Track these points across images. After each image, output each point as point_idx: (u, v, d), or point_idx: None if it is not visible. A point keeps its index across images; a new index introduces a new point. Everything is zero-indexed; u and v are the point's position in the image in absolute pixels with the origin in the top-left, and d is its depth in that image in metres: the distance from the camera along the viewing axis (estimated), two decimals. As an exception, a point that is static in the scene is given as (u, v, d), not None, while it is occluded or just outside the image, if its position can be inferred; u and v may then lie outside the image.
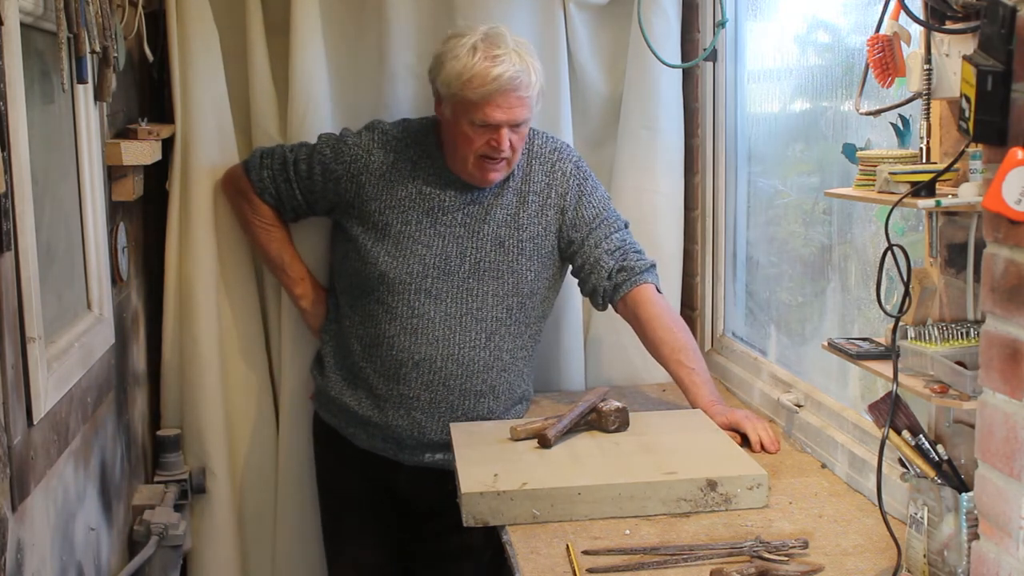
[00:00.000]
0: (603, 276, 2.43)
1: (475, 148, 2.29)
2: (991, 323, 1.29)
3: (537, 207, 2.42)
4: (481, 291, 2.37)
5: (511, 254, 2.39)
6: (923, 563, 1.59)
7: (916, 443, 1.58)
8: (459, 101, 2.27)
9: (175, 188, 2.68)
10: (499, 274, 2.38)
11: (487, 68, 2.22)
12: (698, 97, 2.85)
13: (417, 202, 2.39)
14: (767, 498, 1.96)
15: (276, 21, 2.71)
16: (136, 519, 2.41)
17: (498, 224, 2.39)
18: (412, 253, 2.36)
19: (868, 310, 2.18)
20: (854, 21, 2.24)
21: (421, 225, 2.38)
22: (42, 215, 1.78)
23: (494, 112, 2.24)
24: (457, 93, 2.26)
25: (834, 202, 2.30)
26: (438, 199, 2.38)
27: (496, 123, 2.26)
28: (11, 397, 1.57)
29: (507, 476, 1.96)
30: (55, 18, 1.74)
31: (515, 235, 2.40)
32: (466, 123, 2.27)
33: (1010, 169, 1.21)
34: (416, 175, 2.40)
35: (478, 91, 2.23)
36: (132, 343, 2.54)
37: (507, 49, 2.26)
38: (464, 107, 2.26)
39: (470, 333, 2.36)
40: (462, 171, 2.36)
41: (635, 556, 1.76)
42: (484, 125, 2.26)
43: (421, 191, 2.39)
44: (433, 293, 2.35)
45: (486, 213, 2.39)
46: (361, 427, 2.44)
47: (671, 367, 2.39)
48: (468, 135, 2.28)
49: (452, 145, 2.35)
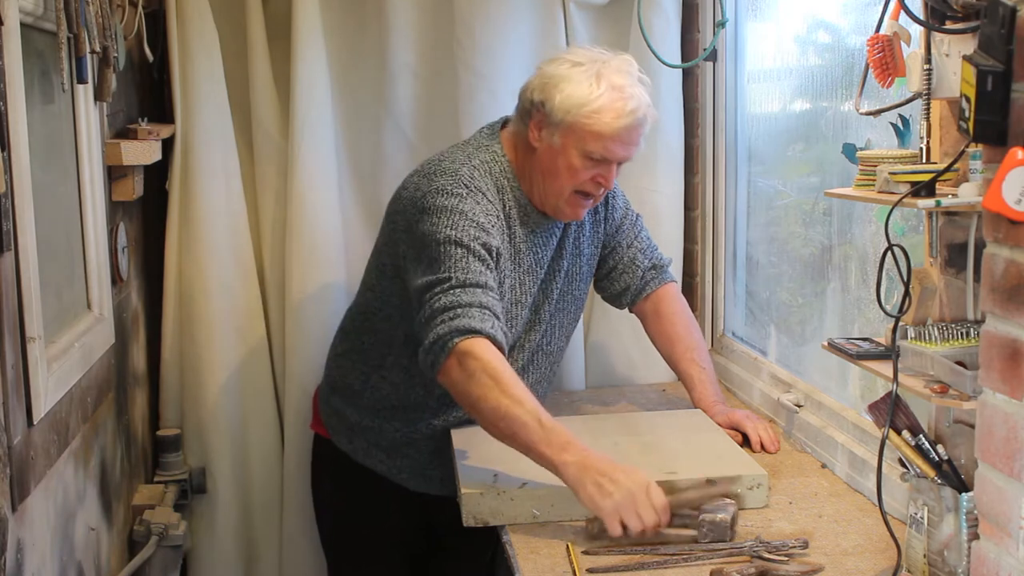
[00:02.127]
0: (637, 275, 2.39)
1: (579, 182, 2.10)
2: (991, 323, 1.29)
3: (591, 227, 2.34)
4: (553, 325, 2.29)
5: (575, 282, 2.31)
6: (923, 563, 1.59)
7: (916, 443, 1.58)
8: (577, 131, 2.05)
9: (175, 188, 2.69)
10: (566, 307, 2.31)
11: (618, 102, 2.04)
12: (698, 97, 2.85)
13: (517, 262, 2.16)
14: (767, 498, 1.96)
15: (276, 21, 2.72)
16: (136, 519, 2.41)
17: (567, 257, 2.28)
18: (515, 318, 2.17)
19: (868, 310, 2.18)
20: (854, 21, 2.24)
21: (524, 287, 2.18)
22: (42, 215, 1.78)
23: (617, 148, 2.07)
24: (578, 123, 2.05)
25: (834, 202, 2.30)
26: (531, 256, 2.18)
27: (614, 159, 2.09)
28: (11, 397, 1.57)
29: (507, 476, 1.96)
30: (55, 18, 1.74)
31: (578, 263, 2.30)
32: (577, 155, 2.07)
33: (1010, 169, 1.21)
34: (512, 231, 2.15)
35: (609, 124, 2.04)
36: (132, 343, 2.54)
37: (632, 79, 2.08)
38: (582, 138, 2.05)
39: (541, 369, 2.30)
40: (551, 203, 2.14)
41: (635, 556, 1.76)
42: (599, 159, 2.08)
43: (519, 249, 2.16)
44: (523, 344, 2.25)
45: (559, 248, 2.26)
46: (419, 472, 2.27)
47: (683, 364, 2.38)
48: (575, 167, 2.08)
49: (548, 176, 2.11)
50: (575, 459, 1.80)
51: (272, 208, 2.77)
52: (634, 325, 2.85)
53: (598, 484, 1.77)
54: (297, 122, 2.67)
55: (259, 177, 2.77)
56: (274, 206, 2.76)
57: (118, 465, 2.34)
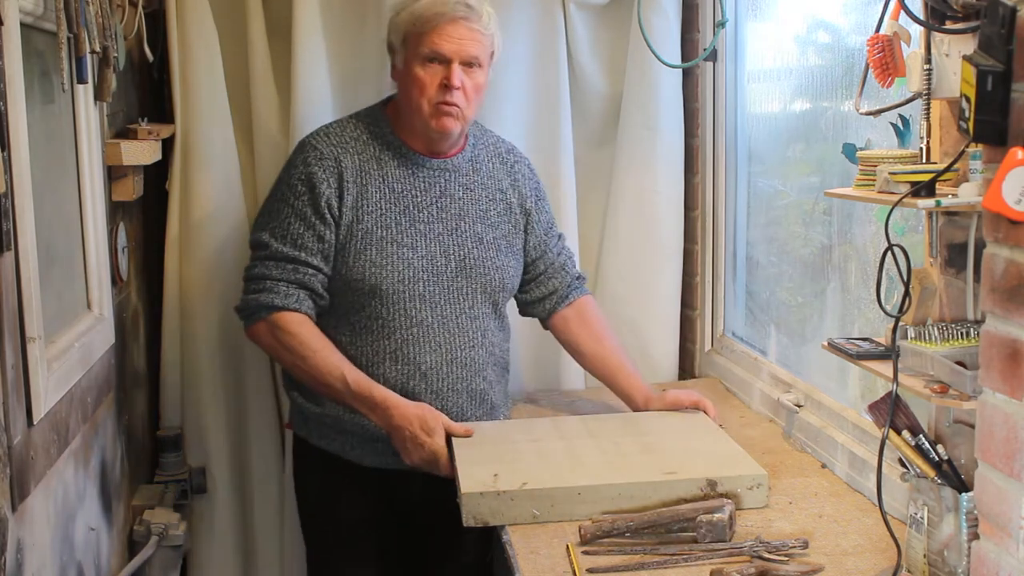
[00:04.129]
0: (565, 282, 2.48)
1: (428, 93, 2.21)
2: (991, 323, 1.29)
3: (504, 206, 2.39)
4: (470, 289, 2.33)
5: (491, 250, 2.35)
6: (923, 563, 1.59)
7: (916, 443, 1.58)
8: (408, 40, 2.23)
9: (175, 188, 2.69)
10: (484, 271, 2.34)
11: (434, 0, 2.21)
12: (698, 97, 2.85)
13: (391, 202, 2.29)
14: (767, 498, 1.96)
15: (276, 21, 2.71)
16: (136, 519, 2.41)
17: (473, 221, 2.34)
18: (398, 258, 2.26)
19: (868, 310, 2.18)
20: (854, 21, 2.24)
21: (401, 227, 2.28)
22: (42, 215, 1.78)
23: (443, 42, 2.19)
24: (406, 32, 2.23)
25: (834, 202, 2.30)
26: (410, 195, 2.30)
27: (445, 53, 2.19)
28: (11, 397, 1.57)
29: (507, 476, 1.96)
30: (55, 18, 1.74)
31: (490, 232, 2.36)
32: (417, 64, 2.21)
33: (1010, 169, 1.21)
34: (384, 172, 2.29)
35: (427, 19, 2.19)
36: (132, 343, 2.54)
37: None
38: (413, 44, 2.22)
39: (467, 333, 2.32)
40: (420, 126, 2.26)
41: (635, 556, 1.76)
42: (433, 58, 2.20)
43: (393, 189, 2.29)
44: (427, 297, 2.28)
45: (460, 210, 2.34)
46: (369, 445, 2.31)
47: (614, 357, 2.46)
48: (421, 78, 2.21)
49: (407, 100, 2.26)
50: (380, 420, 2.19)
51: (272, 208, 2.76)
52: (634, 325, 2.87)
53: (401, 440, 2.17)
54: (297, 122, 2.67)
55: (259, 177, 2.77)
56: (274, 206, 2.76)
57: (118, 465, 2.34)
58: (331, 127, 2.35)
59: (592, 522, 1.84)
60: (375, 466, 2.31)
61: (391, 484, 2.34)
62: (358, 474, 2.33)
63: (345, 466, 2.33)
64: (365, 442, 2.30)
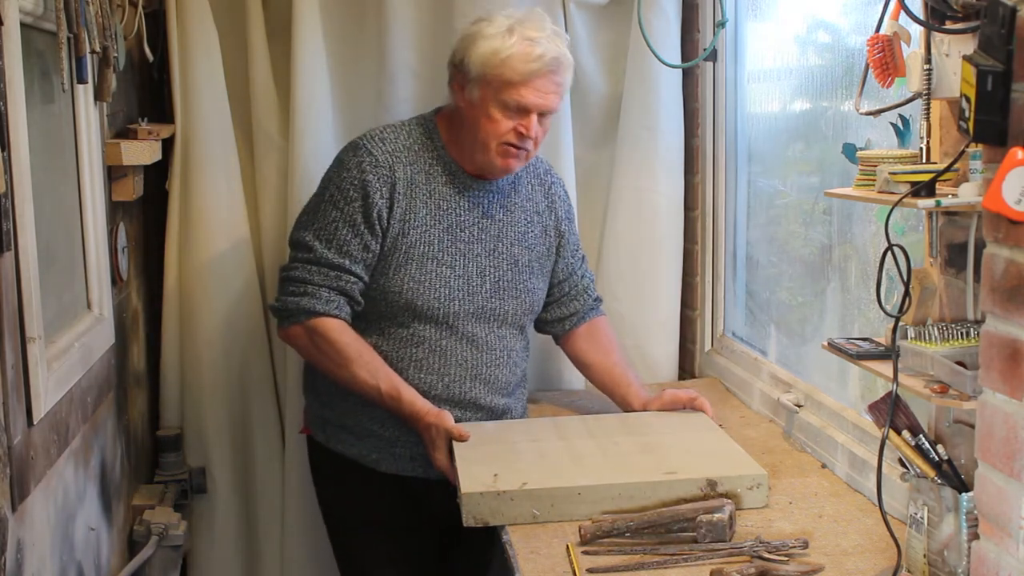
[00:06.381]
0: (588, 304, 2.49)
1: (501, 134, 2.18)
2: (991, 323, 1.29)
3: (541, 228, 2.39)
4: (502, 310, 2.32)
5: (524, 273, 2.35)
6: (923, 563, 1.59)
7: (916, 443, 1.58)
8: (491, 81, 2.16)
9: (175, 188, 2.69)
10: (516, 293, 2.34)
11: (528, 48, 2.14)
12: (698, 97, 2.85)
13: (437, 219, 2.26)
14: (767, 498, 1.96)
15: (276, 21, 2.71)
16: (136, 519, 2.41)
17: (511, 243, 2.34)
18: (437, 276, 2.24)
19: (868, 310, 2.18)
20: (854, 21, 2.24)
21: (443, 244, 2.26)
22: (42, 215, 1.78)
23: (530, 95, 2.15)
24: (490, 72, 2.15)
25: (834, 202, 2.30)
26: (455, 214, 2.28)
27: (529, 107, 2.16)
28: (11, 397, 1.57)
29: (507, 476, 1.96)
30: (55, 18, 1.74)
31: (526, 255, 2.36)
32: (495, 106, 2.17)
33: (1010, 169, 1.21)
34: (432, 187, 2.26)
35: (518, 70, 2.14)
36: (132, 343, 2.54)
37: (546, 33, 2.18)
38: (497, 88, 2.16)
39: (494, 352, 2.32)
40: (481, 159, 2.24)
41: (635, 556, 1.76)
42: (516, 109, 2.16)
43: (439, 206, 2.27)
44: (460, 315, 2.27)
45: (499, 231, 2.33)
46: (387, 450, 2.29)
47: (619, 368, 2.45)
48: (495, 119, 2.17)
49: (473, 132, 2.22)
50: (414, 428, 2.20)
51: (272, 208, 2.77)
52: (634, 325, 2.86)
53: (425, 448, 2.20)
54: (297, 122, 2.67)
55: (259, 177, 2.77)
56: (274, 206, 2.76)
57: (118, 465, 2.34)
58: (385, 132, 2.30)
59: (592, 522, 1.84)
60: (392, 472, 2.30)
61: (411, 489, 2.33)
62: (377, 479, 2.32)
63: (363, 471, 2.32)
64: (382, 448, 2.29)
